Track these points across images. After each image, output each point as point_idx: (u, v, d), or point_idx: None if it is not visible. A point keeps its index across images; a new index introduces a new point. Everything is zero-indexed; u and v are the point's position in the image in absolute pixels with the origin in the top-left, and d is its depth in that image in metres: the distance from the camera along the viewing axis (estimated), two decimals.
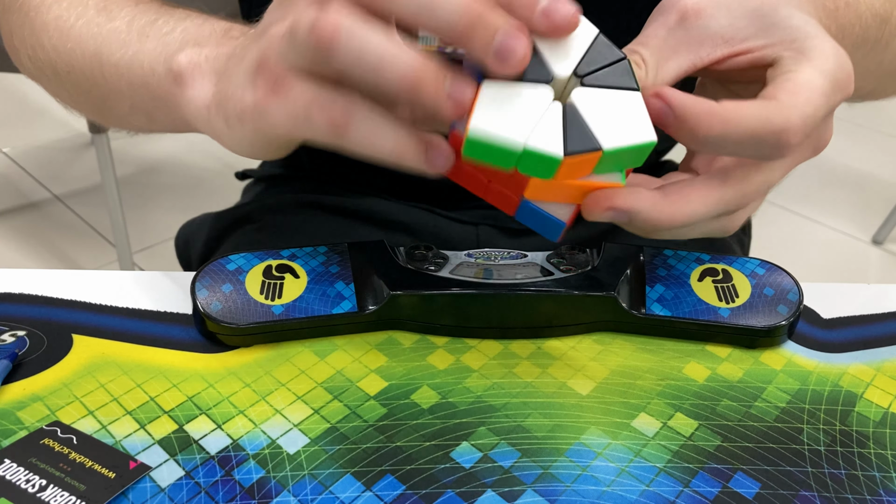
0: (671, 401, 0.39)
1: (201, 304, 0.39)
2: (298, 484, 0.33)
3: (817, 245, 1.74)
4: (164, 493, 0.32)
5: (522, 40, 0.26)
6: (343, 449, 0.35)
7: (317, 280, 0.41)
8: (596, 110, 0.29)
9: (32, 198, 1.72)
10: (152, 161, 1.86)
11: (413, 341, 0.41)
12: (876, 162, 2.06)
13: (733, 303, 0.42)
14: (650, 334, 0.43)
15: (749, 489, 0.34)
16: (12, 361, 0.37)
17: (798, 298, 0.42)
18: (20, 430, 0.34)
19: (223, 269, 0.41)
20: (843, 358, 0.42)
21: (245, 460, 0.34)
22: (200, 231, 0.67)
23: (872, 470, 0.36)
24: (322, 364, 0.40)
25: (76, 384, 0.37)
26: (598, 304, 0.42)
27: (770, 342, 0.42)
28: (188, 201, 1.70)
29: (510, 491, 0.33)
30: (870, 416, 0.39)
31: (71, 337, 0.40)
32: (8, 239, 1.58)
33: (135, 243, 1.50)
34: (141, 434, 0.35)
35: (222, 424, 0.36)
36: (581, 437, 0.36)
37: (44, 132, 1.93)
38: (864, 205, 1.87)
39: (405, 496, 0.33)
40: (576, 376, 0.40)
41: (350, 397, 0.38)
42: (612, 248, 0.44)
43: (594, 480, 0.34)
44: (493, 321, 0.42)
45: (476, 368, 0.40)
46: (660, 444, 0.36)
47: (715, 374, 0.41)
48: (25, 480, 0.31)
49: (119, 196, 1.35)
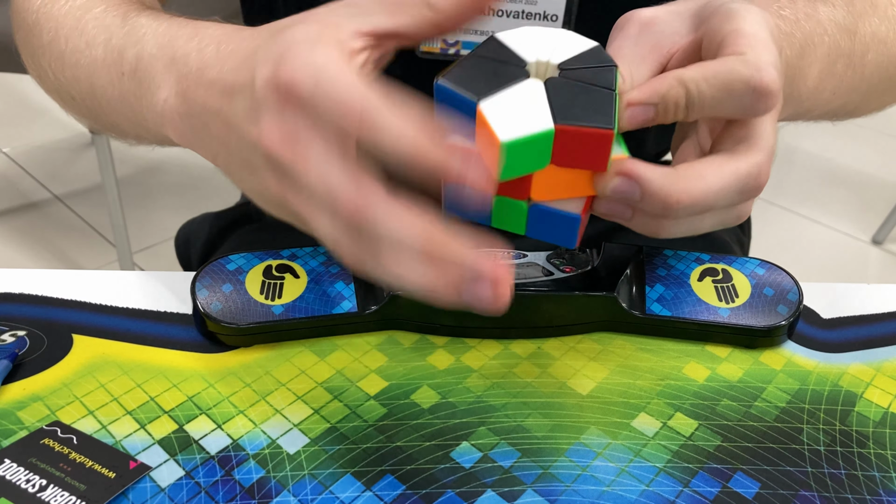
0: (671, 401, 0.39)
1: (201, 304, 0.39)
2: (298, 484, 0.33)
3: (817, 245, 1.74)
4: (164, 493, 0.32)
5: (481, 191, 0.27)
6: (343, 449, 0.35)
7: (317, 280, 0.41)
8: (566, 94, 0.30)
9: (32, 198, 1.72)
10: (152, 161, 1.86)
11: (413, 341, 0.41)
12: (876, 162, 2.06)
13: (733, 303, 0.42)
14: (650, 334, 0.43)
15: (749, 489, 0.34)
16: (12, 361, 0.37)
17: (798, 298, 0.42)
18: (20, 430, 0.34)
19: (223, 269, 0.41)
20: (842, 358, 0.42)
21: (245, 460, 0.34)
22: (200, 231, 0.67)
23: (872, 470, 0.36)
24: (322, 364, 0.40)
25: (76, 384, 0.37)
26: (598, 304, 0.42)
27: (770, 342, 0.42)
28: (188, 201, 1.70)
29: (510, 491, 0.33)
30: (870, 416, 0.39)
31: (71, 337, 0.40)
32: (8, 239, 1.58)
33: (135, 243, 1.50)
34: (141, 434, 0.35)
35: (222, 424, 0.36)
36: (581, 437, 0.36)
37: (44, 132, 1.93)
38: (864, 205, 1.87)
39: (405, 496, 0.33)
40: (576, 376, 0.40)
41: (350, 397, 0.38)
42: (612, 248, 0.44)
43: (594, 480, 0.34)
44: (492, 321, 0.42)
45: (476, 368, 0.40)
46: (660, 444, 0.36)
47: (715, 374, 0.41)
48: (25, 480, 0.32)
49: (119, 196, 1.35)
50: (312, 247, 0.43)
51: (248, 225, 0.63)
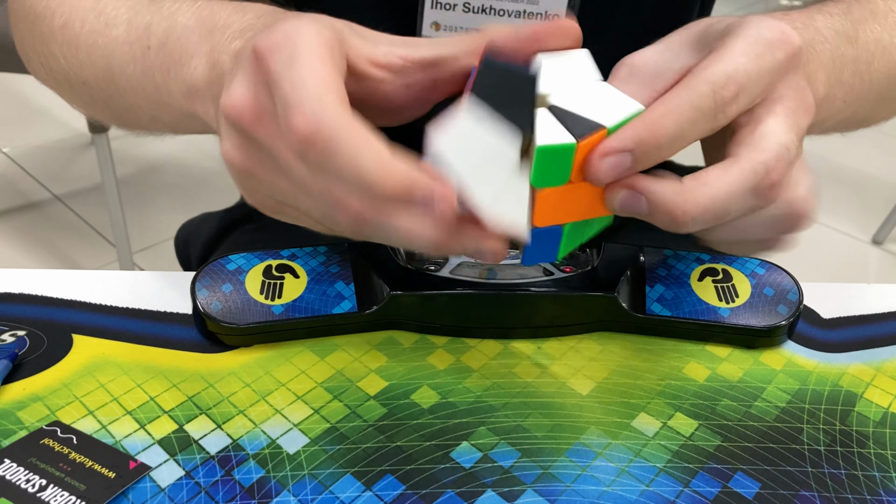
0: (671, 401, 0.39)
1: (201, 304, 0.39)
2: (298, 484, 0.33)
3: (817, 245, 1.74)
4: (164, 493, 0.32)
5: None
6: (343, 449, 0.35)
7: (317, 280, 0.41)
8: (579, 103, 0.30)
9: (32, 198, 1.72)
10: (152, 161, 1.86)
11: (413, 341, 0.41)
12: (876, 162, 2.06)
13: (733, 303, 0.42)
14: (650, 334, 0.43)
15: (749, 489, 0.34)
16: (12, 361, 0.37)
17: (798, 298, 0.42)
18: (20, 430, 0.34)
19: (223, 269, 0.41)
20: (843, 358, 0.42)
21: (245, 460, 0.34)
22: (200, 231, 0.67)
23: (872, 470, 0.36)
24: (322, 364, 0.40)
25: (76, 384, 0.37)
26: (598, 304, 0.42)
27: (770, 342, 0.42)
28: (188, 201, 1.70)
29: (510, 491, 0.33)
30: (870, 416, 0.39)
31: (71, 337, 0.40)
32: (8, 239, 1.58)
33: (135, 243, 1.50)
34: (141, 434, 0.35)
35: (222, 424, 0.36)
36: (581, 437, 0.36)
37: (44, 132, 1.93)
38: (864, 205, 1.87)
39: (405, 496, 0.33)
40: (576, 376, 0.40)
41: (350, 397, 0.38)
42: (612, 248, 0.44)
43: (594, 480, 0.34)
44: (493, 321, 0.42)
45: (476, 368, 0.40)
46: (660, 444, 0.36)
47: (715, 373, 0.41)
48: (25, 480, 0.31)
49: (119, 196, 1.35)
50: (312, 247, 0.43)
51: (248, 225, 0.63)
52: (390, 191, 0.27)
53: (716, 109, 0.30)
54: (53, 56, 0.43)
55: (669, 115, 0.29)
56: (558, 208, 0.31)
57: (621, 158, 0.29)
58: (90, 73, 0.42)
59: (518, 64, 0.29)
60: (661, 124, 0.29)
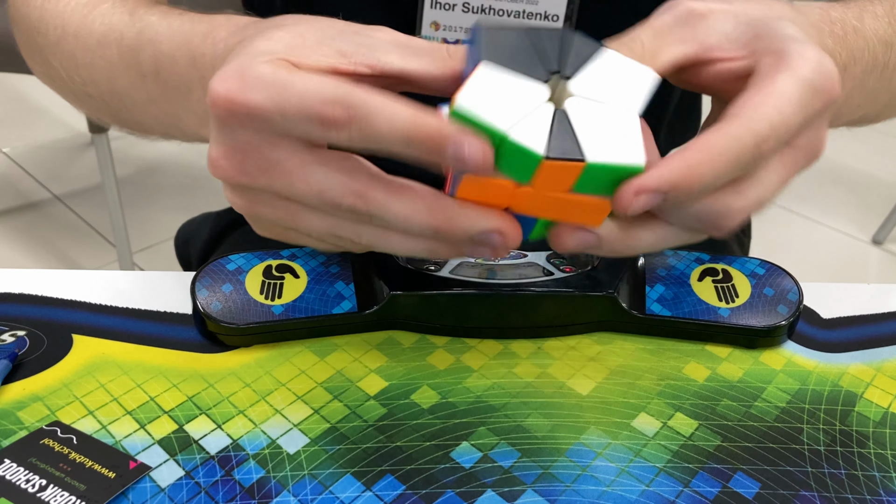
0: (671, 401, 0.39)
1: (201, 304, 0.39)
2: (298, 484, 0.33)
3: (817, 245, 1.74)
4: (164, 493, 0.32)
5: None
6: (343, 449, 0.35)
7: (317, 280, 0.41)
8: (588, 122, 0.28)
9: (32, 198, 1.72)
10: (152, 161, 1.86)
11: (413, 341, 0.41)
12: (876, 162, 2.06)
13: (733, 303, 0.42)
14: (650, 334, 0.43)
15: (749, 489, 0.34)
16: (12, 361, 0.37)
17: (798, 298, 0.42)
18: (20, 430, 0.34)
19: (223, 269, 0.41)
20: (842, 358, 0.42)
21: (245, 460, 0.34)
22: (200, 231, 0.67)
23: (872, 470, 0.36)
24: (322, 364, 0.40)
25: (76, 384, 0.37)
26: (598, 304, 0.42)
27: (770, 342, 0.42)
28: (188, 201, 1.70)
29: (510, 491, 0.33)
30: (870, 416, 0.39)
31: (71, 337, 0.40)
32: (8, 239, 1.58)
33: (135, 243, 1.50)
34: (141, 434, 0.35)
35: (222, 424, 0.36)
36: (581, 437, 0.36)
37: (44, 132, 1.93)
38: (864, 205, 1.87)
39: (405, 496, 0.33)
40: (576, 376, 0.40)
41: (350, 397, 0.38)
42: None
43: (594, 480, 0.34)
44: (492, 321, 0.42)
45: (476, 368, 0.40)
46: (660, 444, 0.36)
47: (715, 374, 0.41)
48: (25, 480, 0.32)
49: (119, 196, 1.35)
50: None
51: (248, 225, 0.63)
52: (425, 137, 0.26)
53: (755, 161, 0.29)
54: (55, 69, 0.43)
55: (710, 164, 0.28)
56: (522, 204, 0.29)
57: (655, 198, 0.28)
58: (95, 90, 0.42)
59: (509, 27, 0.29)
60: (699, 173, 0.28)
